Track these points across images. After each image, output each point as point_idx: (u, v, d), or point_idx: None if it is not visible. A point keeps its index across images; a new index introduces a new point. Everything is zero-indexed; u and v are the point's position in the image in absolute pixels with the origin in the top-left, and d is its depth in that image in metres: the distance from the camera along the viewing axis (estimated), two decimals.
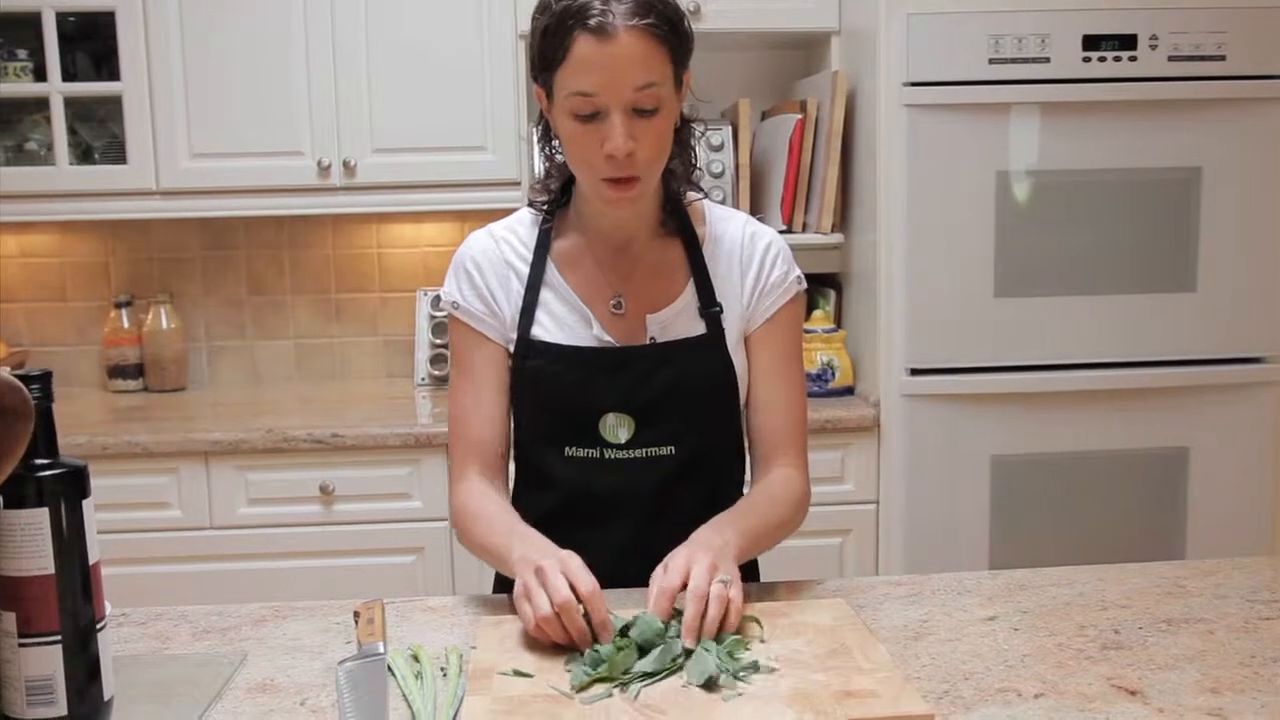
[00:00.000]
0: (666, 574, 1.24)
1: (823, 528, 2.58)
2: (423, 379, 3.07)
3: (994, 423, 2.58)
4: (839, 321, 2.91)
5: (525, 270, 1.48)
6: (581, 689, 1.10)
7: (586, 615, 1.18)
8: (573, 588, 1.19)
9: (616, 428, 1.45)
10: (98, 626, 1.07)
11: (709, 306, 1.47)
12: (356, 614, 1.35)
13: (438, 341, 3.03)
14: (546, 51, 1.34)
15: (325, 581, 2.55)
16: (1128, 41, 2.49)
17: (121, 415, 2.80)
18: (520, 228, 1.52)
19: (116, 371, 3.06)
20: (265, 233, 3.13)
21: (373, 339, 3.20)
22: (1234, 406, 2.62)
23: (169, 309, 3.06)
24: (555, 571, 1.20)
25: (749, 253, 1.50)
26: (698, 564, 1.23)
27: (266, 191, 2.80)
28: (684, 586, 1.22)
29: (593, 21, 1.29)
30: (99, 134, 2.88)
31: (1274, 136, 2.55)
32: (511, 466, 1.55)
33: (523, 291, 1.48)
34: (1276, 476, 2.65)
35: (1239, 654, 1.23)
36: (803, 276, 1.54)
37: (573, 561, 1.23)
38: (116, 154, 2.81)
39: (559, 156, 1.49)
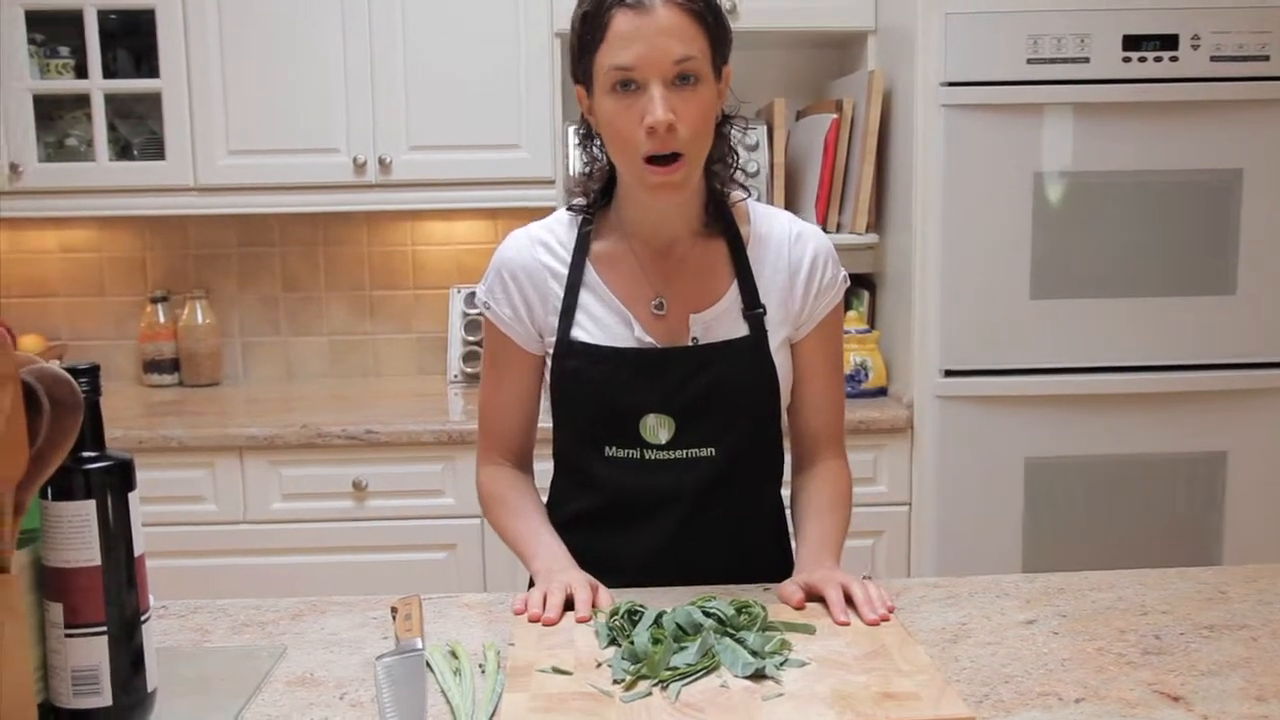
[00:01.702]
0: (831, 592, 1.31)
1: (855, 529, 2.50)
2: (455, 376, 3.08)
3: (1029, 425, 2.56)
4: (873, 322, 2.90)
5: (564, 272, 1.48)
6: (621, 685, 1.11)
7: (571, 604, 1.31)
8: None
9: (657, 429, 1.45)
10: (143, 618, 1.08)
11: (752, 308, 1.47)
12: (394, 609, 1.35)
13: (470, 339, 3.04)
14: (585, 35, 1.37)
15: (358, 577, 2.57)
16: (1169, 41, 2.47)
17: (157, 410, 2.83)
18: (559, 228, 1.52)
19: (152, 366, 3.09)
20: (301, 229, 3.15)
21: (406, 336, 3.21)
22: (1274, 411, 2.59)
23: (205, 305, 3.08)
24: (557, 593, 1.31)
25: (797, 255, 1.49)
26: (847, 582, 1.33)
27: (302, 188, 2.82)
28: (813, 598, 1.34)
29: None
30: (138, 130, 2.91)
31: None
32: (552, 466, 1.57)
33: (561, 293, 1.48)
34: None
35: None
36: (846, 275, 1.55)
37: (582, 593, 1.31)
38: (155, 150, 2.84)
39: (599, 159, 1.49)
